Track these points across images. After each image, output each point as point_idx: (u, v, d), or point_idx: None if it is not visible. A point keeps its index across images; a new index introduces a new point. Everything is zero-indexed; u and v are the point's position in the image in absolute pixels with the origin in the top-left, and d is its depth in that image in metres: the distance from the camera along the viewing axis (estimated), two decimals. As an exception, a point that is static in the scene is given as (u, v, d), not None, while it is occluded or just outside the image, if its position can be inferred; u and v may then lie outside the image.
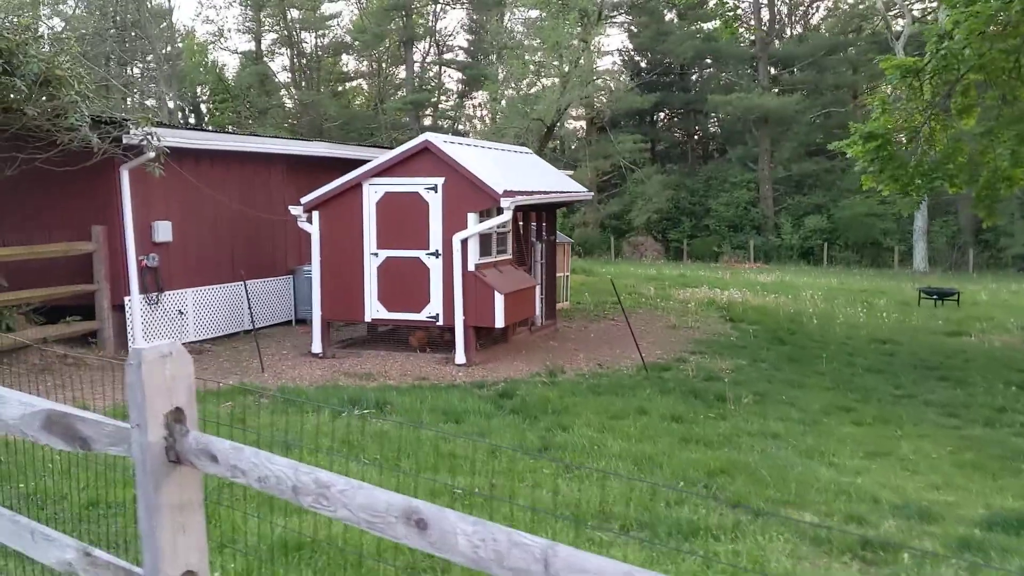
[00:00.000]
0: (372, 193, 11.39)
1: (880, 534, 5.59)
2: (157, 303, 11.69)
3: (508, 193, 10.72)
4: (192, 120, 49.18)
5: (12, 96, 8.94)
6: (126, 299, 11.28)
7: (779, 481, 6.54)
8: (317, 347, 11.73)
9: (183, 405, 2.67)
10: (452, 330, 11.34)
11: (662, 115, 53.48)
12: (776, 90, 46.43)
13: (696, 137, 53.55)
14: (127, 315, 11.30)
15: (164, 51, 44.22)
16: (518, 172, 12.67)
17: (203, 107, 51.90)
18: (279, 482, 2.40)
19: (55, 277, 10.93)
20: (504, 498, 5.90)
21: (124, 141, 10.27)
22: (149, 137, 10.17)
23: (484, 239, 11.34)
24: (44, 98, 9.23)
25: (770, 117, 44.53)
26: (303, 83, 52.48)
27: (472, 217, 10.95)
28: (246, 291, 11.59)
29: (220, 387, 9.72)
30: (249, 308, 11.71)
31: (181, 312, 12.11)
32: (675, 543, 5.31)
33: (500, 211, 10.91)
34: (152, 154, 10.42)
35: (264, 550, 4.83)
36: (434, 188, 11.09)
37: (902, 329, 15.88)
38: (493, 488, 6.20)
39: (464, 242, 10.96)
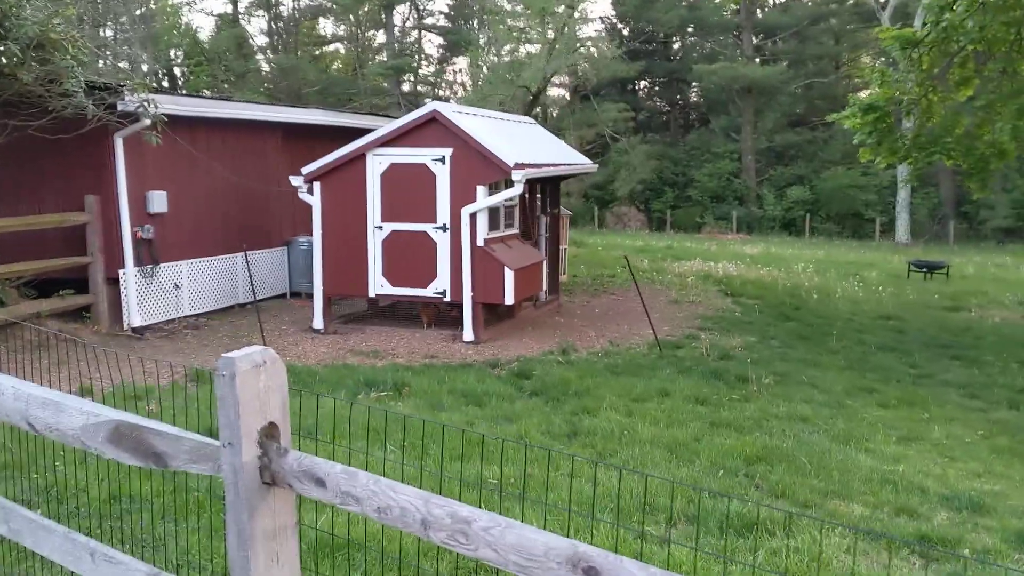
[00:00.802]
0: (376, 164, 11.01)
1: (935, 527, 5.41)
2: (152, 276, 11.28)
3: (519, 165, 10.39)
4: (166, 84, 48.07)
5: (5, 61, 8.46)
6: (120, 272, 10.87)
7: (820, 469, 6.35)
8: (319, 322, 11.40)
9: (277, 420, 2.38)
10: (458, 306, 11.04)
11: (644, 84, 53.00)
12: (758, 60, 46.13)
13: (678, 107, 53.17)
14: (122, 288, 10.89)
15: (138, 13, 43.08)
16: (525, 143, 12.33)
17: (177, 71, 50.76)
18: (404, 514, 2.12)
19: (48, 249, 10.50)
20: (537, 496, 5.66)
21: (119, 108, 9.81)
22: (145, 104, 9.72)
23: (492, 213, 11.02)
24: (38, 63, 8.74)
25: (754, 87, 44.27)
26: (280, 47, 51.41)
27: (482, 190, 10.61)
28: (247, 263, 11.22)
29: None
30: (251, 281, 11.34)
31: (177, 285, 11.71)
32: (730, 540, 5.10)
33: (510, 184, 10.58)
34: (148, 121, 9.97)
35: (305, 551, 4.55)
36: (442, 159, 10.73)
37: (902, 304, 15.78)
38: (529, 478, 5.95)
39: (473, 216, 10.63)
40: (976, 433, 7.74)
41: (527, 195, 12.32)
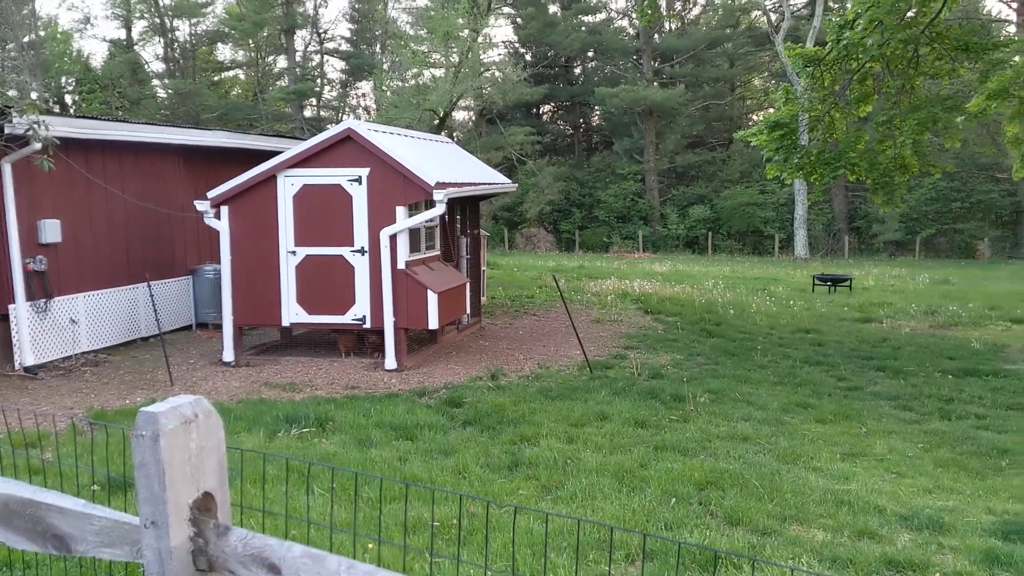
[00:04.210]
0: (288, 186, 10.43)
1: (900, 551, 5.19)
2: (46, 311, 10.42)
3: (441, 185, 9.98)
4: (57, 112, 45.89)
5: None
6: (10, 307, 10.00)
7: (773, 492, 6.10)
8: (229, 355, 10.72)
9: (214, 489, 1.91)
10: (379, 333, 10.52)
11: (548, 108, 53.28)
12: (656, 83, 46.82)
13: (582, 129, 53.58)
14: (12, 325, 10.01)
15: (26, 40, 41.09)
16: (445, 162, 11.93)
17: (68, 98, 48.59)
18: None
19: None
20: (484, 538, 5.23)
21: (7, 131, 9.03)
22: (36, 126, 8.94)
23: (413, 234, 10.56)
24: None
25: (655, 110, 44.87)
26: (178, 73, 49.81)
27: (401, 211, 10.15)
28: (151, 294, 10.45)
29: (128, 405, 8.69)
30: (155, 313, 10.58)
31: (73, 320, 10.86)
32: None
33: (431, 204, 10.15)
34: (38, 145, 9.18)
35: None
36: (358, 180, 10.23)
37: (816, 318, 15.91)
38: (473, 518, 5.51)
39: (393, 238, 10.15)
40: (916, 446, 7.63)
41: (447, 216, 11.90)
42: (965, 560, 5.07)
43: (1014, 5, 36.78)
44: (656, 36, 49.04)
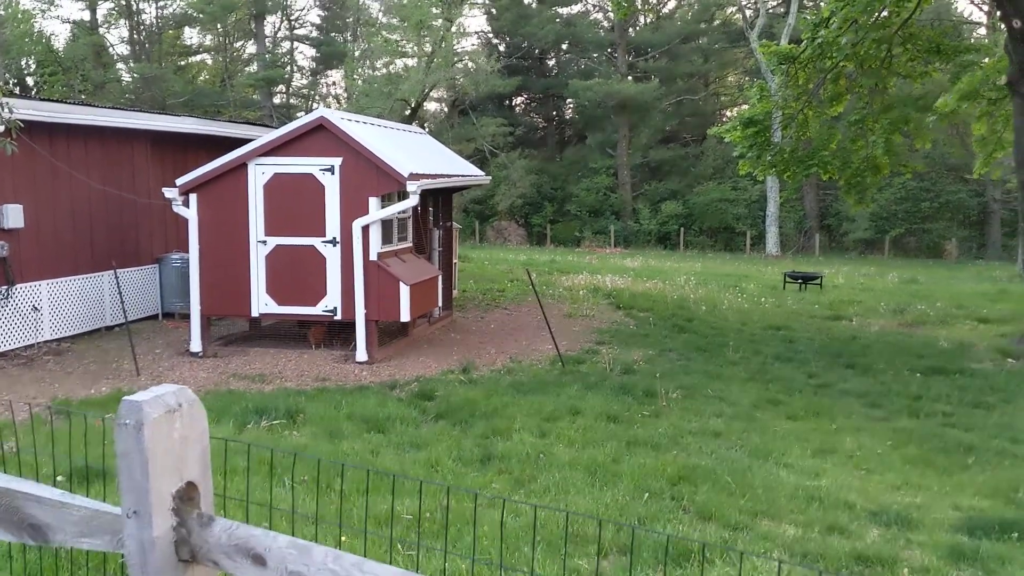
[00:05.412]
0: (259, 174, 10.31)
1: (869, 546, 5.24)
2: (7, 298, 10.22)
3: (414, 176, 9.90)
4: (19, 94, 44.99)
5: None
6: (-30, 294, 9.81)
7: (745, 488, 6.13)
8: (196, 345, 10.58)
9: (197, 479, 1.87)
10: (350, 325, 10.44)
11: (521, 100, 53.19)
12: (630, 77, 46.90)
13: (555, 122, 53.55)
14: (-28, 313, 9.83)
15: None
16: (418, 153, 11.84)
17: (29, 80, 47.73)
18: (380, 603, 1.64)
19: None
20: (459, 532, 5.20)
21: (-33, 112, 8.81)
22: (-1, 108, 8.74)
23: (385, 225, 10.48)
24: None
25: (628, 104, 44.90)
26: (143, 56, 49.08)
27: (374, 201, 10.06)
28: (117, 282, 10.30)
29: (93, 395, 8.55)
30: (121, 302, 10.42)
31: (35, 307, 10.67)
32: (668, 571, 4.76)
33: (405, 195, 10.08)
34: (1, 128, 8.98)
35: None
36: (331, 169, 10.13)
37: (787, 315, 16.03)
38: (447, 512, 5.48)
39: (365, 229, 10.07)
40: (885, 443, 7.70)
41: (419, 207, 11.83)
42: (932, 555, 5.13)
43: (984, 8, 37.27)
44: (631, 30, 49.11)
